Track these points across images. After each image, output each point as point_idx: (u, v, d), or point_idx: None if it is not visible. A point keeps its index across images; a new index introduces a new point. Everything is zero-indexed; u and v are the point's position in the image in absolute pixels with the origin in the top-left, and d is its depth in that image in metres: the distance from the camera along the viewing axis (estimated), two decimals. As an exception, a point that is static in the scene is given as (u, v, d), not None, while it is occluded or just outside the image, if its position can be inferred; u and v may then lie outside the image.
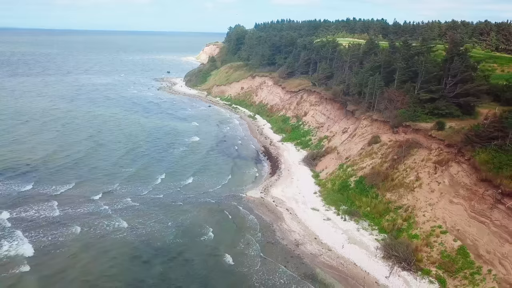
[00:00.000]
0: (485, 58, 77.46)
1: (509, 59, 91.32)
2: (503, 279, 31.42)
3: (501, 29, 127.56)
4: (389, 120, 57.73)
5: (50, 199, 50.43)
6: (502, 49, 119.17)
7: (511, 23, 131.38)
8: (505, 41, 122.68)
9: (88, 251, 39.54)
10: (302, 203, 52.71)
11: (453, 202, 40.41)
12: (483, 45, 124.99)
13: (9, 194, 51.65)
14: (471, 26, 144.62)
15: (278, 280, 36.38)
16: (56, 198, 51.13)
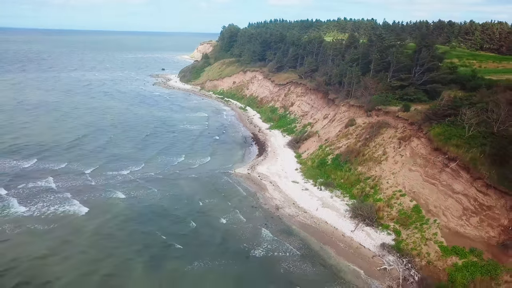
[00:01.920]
0: (461, 55, 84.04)
1: (487, 56, 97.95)
2: (444, 225, 37.80)
3: (485, 29, 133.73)
4: (364, 105, 64.01)
5: (78, 173, 57.42)
6: (486, 48, 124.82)
7: (494, 23, 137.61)
8: (489, 40, 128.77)
9: (119, 208, 46.83)
10: (284, 177, 58.83)
11: (411, 170, 46.76)
12: (468, 44, 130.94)
13: (51, 168, 58.60)
14: (457, 26, 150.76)
15: (261, 233, 42.46)
16: (76, 172, 58.01)
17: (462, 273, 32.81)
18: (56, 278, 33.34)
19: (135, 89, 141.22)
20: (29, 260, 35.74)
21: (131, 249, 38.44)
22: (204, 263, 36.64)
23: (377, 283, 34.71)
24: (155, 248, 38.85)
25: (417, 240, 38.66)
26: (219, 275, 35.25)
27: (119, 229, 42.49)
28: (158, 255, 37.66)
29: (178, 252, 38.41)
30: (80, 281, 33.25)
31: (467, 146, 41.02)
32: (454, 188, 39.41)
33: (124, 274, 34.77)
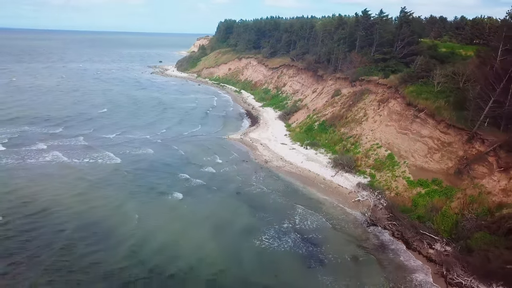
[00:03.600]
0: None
1: (474, 48, 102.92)
2: (412, 164, 42.77)
3: (475, 24, 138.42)
4: (349, 76, 68.96)
5: (103, 137, 62.89)
6: (476, 43, 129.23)
7: (484, 18, 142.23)
8: (478, 35, 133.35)
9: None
10: (273, 141, 63.64)
11: (388, 125, 51.70)
12: (459, 39, 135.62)
13: (80, 132, 64.24)
14: (448, 22, 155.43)
15: (251, 178, 47.28)
16: (100, 136, 63.63)
17: (423, 198, 37.68)
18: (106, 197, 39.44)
19: (133, 77, 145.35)
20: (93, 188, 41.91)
21: (156, 182, 45.07)
22: (202, 196, 41.60)
23: (352, 210, 39.51)
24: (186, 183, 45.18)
25: (388, 178, 43.60)
26: (216, 203, 40.14)
27: (147, 170, 48.79)
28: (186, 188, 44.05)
29: (185, 188, 43.73)
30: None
31: (434, 98, 46.06)
32: (422, 133, 44.38)
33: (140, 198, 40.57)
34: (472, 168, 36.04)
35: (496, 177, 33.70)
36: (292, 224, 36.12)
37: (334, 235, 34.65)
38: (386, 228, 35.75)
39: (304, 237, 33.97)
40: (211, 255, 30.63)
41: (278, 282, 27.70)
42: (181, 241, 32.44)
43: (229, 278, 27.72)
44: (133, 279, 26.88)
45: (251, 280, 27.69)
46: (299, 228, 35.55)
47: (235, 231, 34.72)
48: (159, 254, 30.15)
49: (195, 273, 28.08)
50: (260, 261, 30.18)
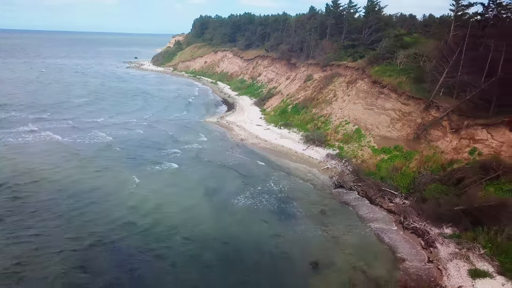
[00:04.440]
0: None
1: None
2: (376, 134, 46.16)
3: (442, 21, 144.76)
4: (320, 62, 72.22)
5: (92, 121, 62.98)
6: None
7: (451, 16, 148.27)
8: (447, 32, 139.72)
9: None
10: (249, 123, 66.14)
11: (355, 103, 55.01)
12: (427, 35, 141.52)
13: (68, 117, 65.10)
14: (417, 20, 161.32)
15: (228, 153, 49.69)
16: (88, 120, 64.82)
17: (386, 162, 40.99)
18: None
19: (111, 71, 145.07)
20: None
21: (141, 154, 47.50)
22: (185, 166, 44.06)
23: (321, 175, 42.46)
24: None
25: (355, 148, 46.86)
26: (196, 172, 42.49)
27: (138, 146, 51.12)
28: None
29: (178, 159, 46.36)
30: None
31: (397, 75, 49.67)
32: (385, 107, 47.83)
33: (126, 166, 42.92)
34: (428, 132, 39.57)
35: (449, 138, 37.27)
36: (267, 187, 38.73)
37: (304, 195, 37.43)
38: (352, 189, 38.76)
39: (277, 196, 36.64)
40: (199, 209, 33.50)
41: (252, 231, 30.13)
42: (177, 199, 35.19)
43: (211, 229, 29.96)
44: (135, 230, 29.13)
45: (229, 230, 30.08)
46: (272, 190, 38.20)
47: (219, 193, 37.25)
48: (158, 210, 32.81)
49: (189, 223, 30.73)
50: (237, 216, 32.59)
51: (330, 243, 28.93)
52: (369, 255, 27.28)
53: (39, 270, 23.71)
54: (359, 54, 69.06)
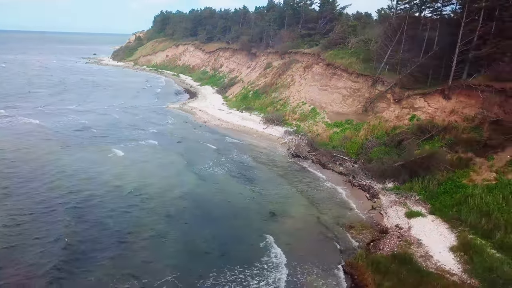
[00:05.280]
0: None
1: None
2: (330, 111, 49.73)
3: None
4: (278, 50, 75.49)
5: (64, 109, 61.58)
6: None
7: None
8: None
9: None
10: (211, 108, 68.38)
11: (311, 85, 58.52)
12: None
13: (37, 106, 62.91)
14: (372, 18, 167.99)
15: (190, 132, 51.75)
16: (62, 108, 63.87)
17: (338, 134, 44.56)
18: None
19: (71, 66, 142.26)
20: None
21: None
22: (161, 142, 46.51)
23: (279, 148, 45.48)
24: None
25: (310, 125, 50.25)
26: (169, 146, 44.78)
27: (115, 128, 52.73)
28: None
29: (155, 137, 47.72)
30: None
31: (348, 57, 53.55)
32: (338, 86, 51.57)
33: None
34: (375, 105, 43.50)
35: (392, 108, 41.30)
36: (231, 158, 41.31)
37: (265, 163, 40.29)
38: (307, 157, 41.97)
39: (241, 165, 39.36)
40: (178, 174, 36.22)
41: (221, 191, 32.56)
42: (159, 167, 37.73)
43: (178, 192, 32.04)
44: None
45: (202, 191, 32.44)
46: (236, 160, 40.83)
47: (193, 161, 39.71)
48: (143, 177, 34.87)
49: (170, 187, 33.01)
50: (209, 180, 35.05)
51: (287, 198, 31.85)
52: (321, 206, 30.39)
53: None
54: (315, 42, 72.97)
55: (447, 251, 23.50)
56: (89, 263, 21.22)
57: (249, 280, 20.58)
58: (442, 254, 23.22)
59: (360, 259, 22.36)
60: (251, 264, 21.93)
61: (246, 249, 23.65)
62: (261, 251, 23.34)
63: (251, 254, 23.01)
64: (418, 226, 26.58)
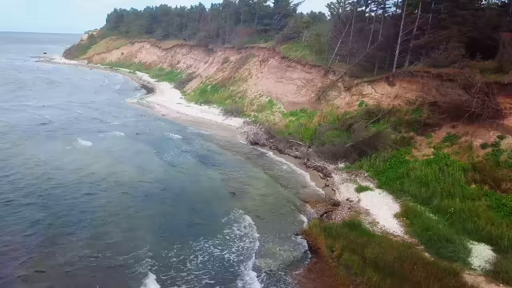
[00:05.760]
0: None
1: None
2: (286, 101, 51.93)
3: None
4: (235, 45, 77.01)
5: None
6: None
7: None
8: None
9: None
10: (169, 102, 68.75)
11: (267, 78, 60.52)
12: None
13: None
14: (325, 17, 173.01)
15: (149, 124, 52.17)
16: None
17: (293, 123, 46.73)
18: None
19: (21, 64, 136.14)
20: None
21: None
22: (115, 132, 46.63)
23: (239, 137, 46.99)
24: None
25: (267, 115, 52.16)
26: (127, 138, 45.03)
27: (78, 120, 52.25)
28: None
29: (121, 128, 46.59)
30: None
31: (302, 50, 55.97)
32: (293, 77, 53.88)
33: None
34: (327, 93, 46.08)
35: (343, 96, 44.00)
36: (192, 147, 42.36)
37: (225, 151, 41.65)
38: (264, 145, 43.79)
39: (202, 152, 40.45)
40: (144, 162, 36.65)
41: (185, 176, 33.62)
42: (127, 156, 38.21)
43: (149, 176, 32.91)
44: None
45: (163, 176, 33.28)
46: (197, 148, 41.92)
47: (153, 150, 40.32)
48: (114, 164, 35.35)
49: (138, 173, 33.54)
50: (168, 166, 35.95)
51: (247, 179, 33.45)
52: (279, 185, 32.27)
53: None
54: (270, 37, 75.13)
55: (391, 218, 25.97)
56: (67, 242, 21.78)
57: (213, 249, 21.94)
58: (387, 220, 25.65)
59: (314, 227, 24.29)
60: (215, 235, 23.32)
61: (211, 223, 25.00)
62: (225, 224, 24.77)
63: (216, 227, 24.41)
64: (367, 199, 28.99)
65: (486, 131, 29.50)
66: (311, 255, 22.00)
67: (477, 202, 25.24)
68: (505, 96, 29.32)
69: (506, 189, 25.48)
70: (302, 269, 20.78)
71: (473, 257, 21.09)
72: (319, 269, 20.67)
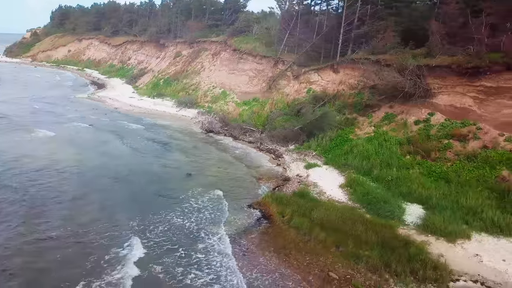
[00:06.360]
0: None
1: None
2: (239, 91, 53.70)
3: None
4: (187, 40, 77.70)
5: None
6: None
7: None
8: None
9: None
10: (121, 96, 68.23)
11: (220, 70, 61.95)
12: None
13: None
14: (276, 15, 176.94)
15: (102, 117, 51.93)
16: None
17: (246, 111, 48.53)
18: None
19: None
20: None
21: None
22: (74, 123, 46.38)
23: (194, 126, 48.08)
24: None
25: (221, 105, 53.64)
26: (86, 128, 44.75)
27: (35, 114, 49.29)
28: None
29: (64, 121, 45.61)
30: None
31: (253, 42, 57.94)
32: (244, 68, 55.74)
33: None
34: (277, 82, 48.32)
35: (292, 84, 46.41)
36: (148, 136, 42.88)
37: (181, 138, 42.69)
38: (219, 132, 45.23)
39: (157, 141, 41.13)
40: (107, 149, 37.09)
41: (144, 161, 34.36)
42: (88, 144, 38.58)
43: (113, 162, 33.45)
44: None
45: (128, 162, 33.91)
46: (152, 137, 42.48)
47: (111, 139, 40.80)
48: (78, 152, 35.20)
49: (100, 159, 33.87)
50: (126, 153, 36.64)
51: (203, 162, 34.82)
52: (234, 166, 33.89)
53: None
54: (222, 31, 76.66)
55: (337, 188, 28.40)
56: (38, 221, 22.15)
57: (175, 220, 23.23)
58: (333, 190, 28.04)
59: (267, 198, 26.17)
60: (175, 209, 24.56)
61: (171, 199, 26.17)
62: (184, 200, 26.03)
63: (175, 202, 25.62)
64: (315, 174, 31.30)
65: (418, 109, 32.79)
66: (265, 221, 23.79)
67: (411, 170, 28.22)
68: (434, 77, 32.76)
69: (435, 158, 28.68)
70: (256, 233, 22.50)
71: (406, 215, 23.82)
72: (272, 232, 22.50)
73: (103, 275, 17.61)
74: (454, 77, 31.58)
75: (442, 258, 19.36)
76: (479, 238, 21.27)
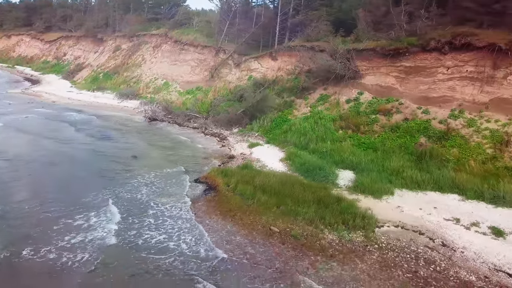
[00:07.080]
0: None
1: None
2: (181, 81, 54.34)
3: None
4: (126, 34, 76.69)
5: None
6: None
7: None
8: None
9: None
10: (58, 91, 66.06)
11: (162, 62, 62.16)
12: None
13: None
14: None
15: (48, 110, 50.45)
16: None
17: (190, 100, 49.49)
18: None
19: None
20: None
21: None
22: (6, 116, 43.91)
23: (137, 116, 48.18)
24: None
25: (164, 95, 54.05)
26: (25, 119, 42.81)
27: None
28: None
29: None
30: None
31: (193, 33, 58.90)
32: (186, 59, 56.58)
33: None
34: (219, 71, 49.84)
35: (233, 72, 48.15)
36: (93, 127, 42.24)
37: (125, 127, 42.71)
38: (163, 120, 45.80)
39: (101, 129, 40.86)
40: (52, 140, 35.23)
41: (89, 147, 34.38)
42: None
43: (58, 149, 33.34)
44: None
45: (76, 148, 33.91)
46: (98, 126, 42.05)
47: (60, 131, 40.20)
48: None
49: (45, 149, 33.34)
50: (80, 141, 36.24)
51: (148, 146, 35.47)
52: (179, 149, 34.90)
53: None
54: (162, 25, 76.55)
55: (278, 162, 30.44)
56: None
57: (124, 194, 24.06)
58: (274, 163, 30.05)
59: (213, 172, 27.62)
60: (123, 186, 25.38)
61: (119, 177, 27.01)
62: (131, 177, 26.87)
63: (122, 180, 26.47)
64: (258, 152, 33.21)
65: (349, 90, 35.83)
66: (211, 191, 25.26)
67: (343, 143, 31.01)
68: (361, 60, 35.97)
69: (364, 131, 31.70)
70: (203, 201, 23.90)
71: (339, 179, 26.36)
72: (218, 199, 23.98)
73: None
74: (379, 59, 34.91)
75: (369, 210, 21.90)
76: (401, 193, 24.22)
